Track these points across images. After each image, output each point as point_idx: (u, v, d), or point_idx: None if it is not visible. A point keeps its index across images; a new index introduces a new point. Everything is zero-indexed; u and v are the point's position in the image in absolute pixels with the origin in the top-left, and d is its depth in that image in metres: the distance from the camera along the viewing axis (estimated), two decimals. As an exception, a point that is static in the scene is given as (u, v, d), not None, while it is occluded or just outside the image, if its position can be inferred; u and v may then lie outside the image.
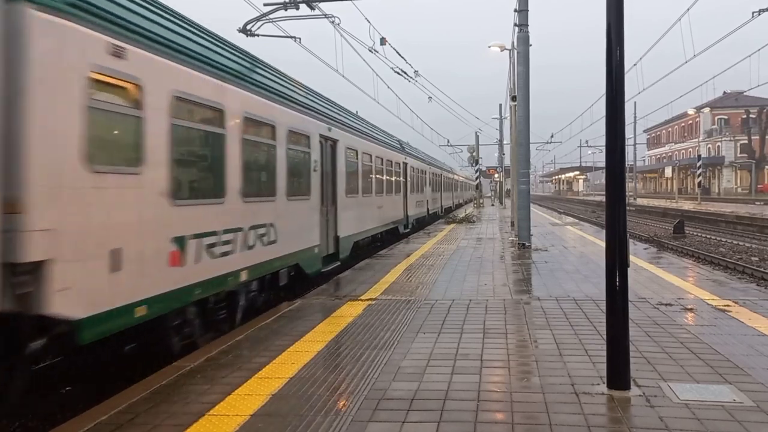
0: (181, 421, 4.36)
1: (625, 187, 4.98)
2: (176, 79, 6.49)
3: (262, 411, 4.51)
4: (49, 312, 4.59)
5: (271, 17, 14.02)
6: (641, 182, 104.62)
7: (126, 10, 5.83)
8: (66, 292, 4.71)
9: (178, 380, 5.30)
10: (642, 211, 46.74)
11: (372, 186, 16.60)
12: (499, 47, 22.04)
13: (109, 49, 5.35)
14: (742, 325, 6.92)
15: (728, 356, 5.69)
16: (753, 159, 70.51)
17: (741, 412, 4.33)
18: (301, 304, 8.66)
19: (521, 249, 15.69)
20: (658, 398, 4.64)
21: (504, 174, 53.55)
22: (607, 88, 4.86)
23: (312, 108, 11.43)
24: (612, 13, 4.82)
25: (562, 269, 11.85)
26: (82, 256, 4.94)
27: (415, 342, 6.41)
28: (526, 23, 16.37)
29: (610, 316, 4.89)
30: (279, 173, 9.41)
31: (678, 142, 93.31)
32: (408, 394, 4.80)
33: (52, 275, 4.59)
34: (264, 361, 5.80)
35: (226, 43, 8.53)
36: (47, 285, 4.56)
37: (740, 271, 16.02)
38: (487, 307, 8.23)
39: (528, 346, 6.23)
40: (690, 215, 36.14)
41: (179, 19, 7.19)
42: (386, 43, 16.96)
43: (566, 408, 4.46)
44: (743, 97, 67.48)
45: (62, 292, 4.68)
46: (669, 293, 9.05)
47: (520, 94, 16.59)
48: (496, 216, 34.41)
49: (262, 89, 8.89)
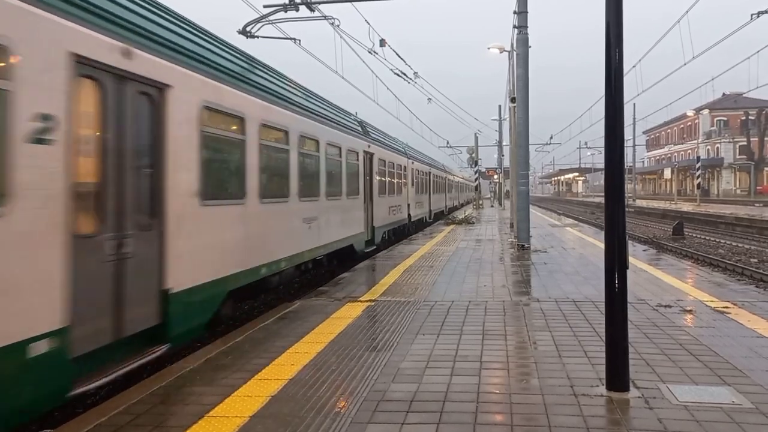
0: (180, 422, 4.36)
1: (624, 188, 4.98)
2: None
3: (261, 412, 4.51)
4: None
5: (270, 19, 14.02)
6: (640, 183, 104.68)
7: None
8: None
9: (178, 381, 5.29)
10: (641, 213, 46.76)
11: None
12: (498, 49, 22.02)
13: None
14: (741, 327, 6.93)
15: (727, 358, 5.70)
16: (752, 161, 70.62)
17: (740, 414, 4.33)
18: (300, 306, 8.66)
19: (520, 250, 15.69)
20: (657, 400, 4.64)
21: (503, 175, 53.60)
22: (606, 89, 4.86)
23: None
24: (611, 13, 4.82)
25: (562, 271, 11.86)
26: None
27: (414, 343, 6.42)
28: (526, 25, 16.38)
29: (609, 318, 4.90)
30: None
31: (677, 143, 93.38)
32: (407, 396, 4.80)
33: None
34: (263, 362, 5.80)
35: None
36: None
37: (739, 273, 16.02)
38: (486, 308, 8.23)
39: (527, 347, 6.23)
40: (689, 217, 36.16)
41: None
42: (386, 45, 16.96)
43: (565, 410, 4.46)
44: (742, 99, 67.61)
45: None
46: (668, 295, 9.05)
47: (520, 96, 16.60)
48: (496, 217, 34.42)
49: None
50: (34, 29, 4.55)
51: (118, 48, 5.54)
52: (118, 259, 5.46)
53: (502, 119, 47.50)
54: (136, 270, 5.70)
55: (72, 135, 4.86)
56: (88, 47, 5.11)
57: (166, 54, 6.45)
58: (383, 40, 16.81)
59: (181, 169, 6.53)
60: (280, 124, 9.51)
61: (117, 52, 5.52)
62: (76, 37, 4.97)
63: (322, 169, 11.81)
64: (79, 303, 4.86)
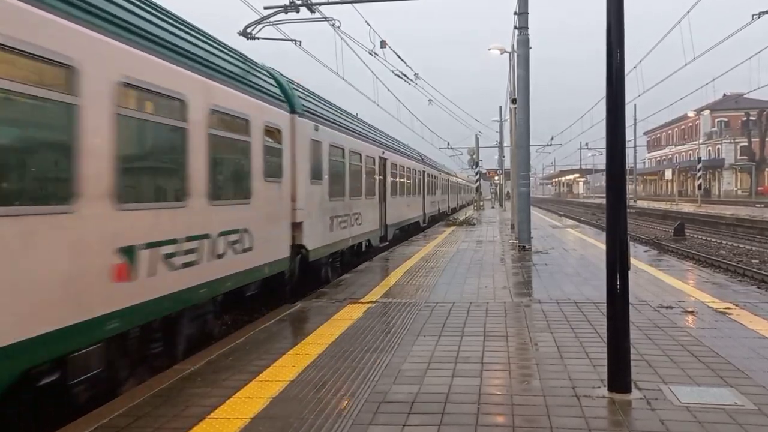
0: (181, 424, 4.35)
1: (625, 189, 4.97)
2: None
3: (262, 414, 4.51)
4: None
5: (271, 20, 14.02)
6: (641, 184, 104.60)
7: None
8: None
9: (179, 383, 5.29)
10: (642, 214, 46.71)
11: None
12: (499, 50, 22.03)
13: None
14: (742, 328, 6.91)
15: (729, 359, 5.69)
16: (753, 161, 70.52)
17: (742, 415, 4.32)
18: (301, 307, 8.65)
19: (521, 251, 15.68)
20: (659, 401, 4.63)
21: (504, 176, 53.56)
22: (607, 90, 4.85)
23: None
24: (612, 15, 4.82)
25: (563, 272, 11.84)
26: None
27: (415, 345, 6.41)
28: (526, 26, 16.39)
29: (611, 319, 4.89)
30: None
31: (678, 144, 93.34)
32: (409, 397, 4.79)
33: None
34: (264, 364, 5.80)
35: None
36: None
37: (741, 274, 15.99)
38: (487, 309, 8.22)
39: (528, 349, 6.23)
40: (690, 217, 36.12)
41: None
42: (386, 46, 16.96)
43: (567, 411, 4.45)
44: (743, 100, 67.55)
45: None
46: (669, 296, 9.04)
47: (520, 97, 16.60)
48: (496, 218, 34.41)
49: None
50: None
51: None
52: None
53: (502, 120, 47.52)
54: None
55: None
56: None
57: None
58: (384, 42, 16.81)
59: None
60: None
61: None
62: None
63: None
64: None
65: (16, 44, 4.37)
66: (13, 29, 4.35)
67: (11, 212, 4.31)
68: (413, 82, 23.54)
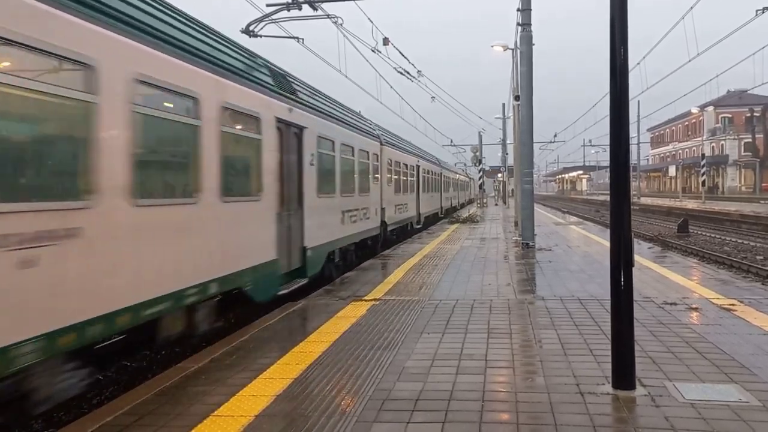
0: (186, 422, 4.36)
1: (629, 186, 4.96)
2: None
3: (266, 412, 4.51)
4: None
5: (273, 18, 14.02)
6: (645, 181, 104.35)
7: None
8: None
9: (183, 381, 5.30)
10: (646, 211, 46.63)
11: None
12: (502, 47, 22.00)
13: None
14: (747, 325, 6.89)
15: (734, 355, 5.67)
16: (757, 158, 70.30)
17: (747, 412, 4.31)
18: (305, 305, 8.66)
19: (525, 249, 15.66)
20: (663, 398, 4.62)
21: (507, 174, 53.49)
22: (611, 86, 4.83)
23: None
24: (616, 10, 4.80)
25: (567, 269, 11.83)
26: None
27: (419, 342, 6.41)
28: (529, 22, 16.34)
29: (615, 316, 4.87)
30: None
31: (682, 140, 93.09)
32: (413, 395, 4.79)
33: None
34: (268, 361, 5.80)
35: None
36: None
37: (745, 270, 15.96)
38: (491, 307, 8.22)
39: (532, 346, 6.22)
40: (694, 214, 36.04)
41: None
42: (389, 44, 16.94)
43: (571, 408, 4.45)
44: (747, 96, 67.19)
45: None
46: (674, 292, 9.02)
47: (523, 94, 16.56)
48: (500, 216, 34.37)
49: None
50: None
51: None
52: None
53: (506, 117, 47.43)
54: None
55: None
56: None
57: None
58: (386, 39, 16.80)
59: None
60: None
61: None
62: None
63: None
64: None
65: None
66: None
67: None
68: (416, 79, 23.52)
